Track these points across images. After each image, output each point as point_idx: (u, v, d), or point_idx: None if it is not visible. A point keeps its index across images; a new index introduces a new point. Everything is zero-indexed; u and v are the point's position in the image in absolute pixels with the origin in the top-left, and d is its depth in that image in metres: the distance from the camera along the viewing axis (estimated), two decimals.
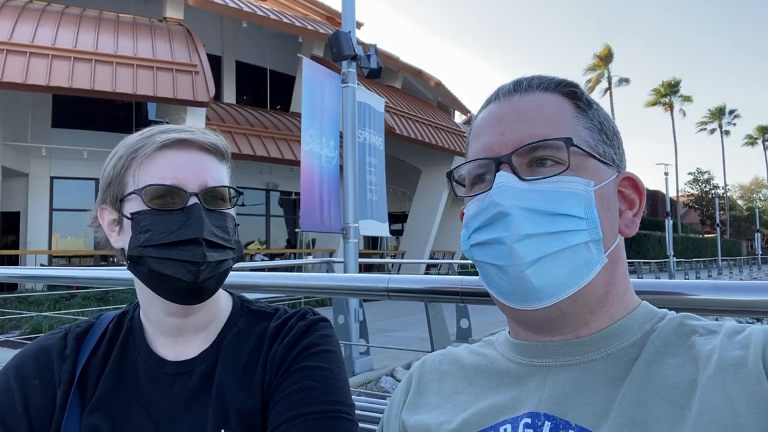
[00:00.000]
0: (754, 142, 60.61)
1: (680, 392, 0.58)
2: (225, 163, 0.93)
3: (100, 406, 0.85)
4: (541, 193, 0.65)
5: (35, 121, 14.81)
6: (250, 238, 18.87)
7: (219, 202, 0.89)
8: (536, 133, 0.67)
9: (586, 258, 0.65)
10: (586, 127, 0.70)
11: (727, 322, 0.64)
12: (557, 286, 0.64)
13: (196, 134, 0.89)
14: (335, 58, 6.59)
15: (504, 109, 0.71)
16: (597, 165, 0.69)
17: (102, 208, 0.90)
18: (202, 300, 0.88)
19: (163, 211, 0.84)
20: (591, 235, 0.66)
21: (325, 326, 0.95)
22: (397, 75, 20.79)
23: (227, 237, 0.88)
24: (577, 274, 0.65)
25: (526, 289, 0.65)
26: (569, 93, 0.72)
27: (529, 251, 0.64)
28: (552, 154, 0.67)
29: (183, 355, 0.90)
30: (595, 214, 0.66)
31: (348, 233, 6.37)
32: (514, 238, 0.64)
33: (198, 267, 0.83)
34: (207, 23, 16.96)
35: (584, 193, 0.66)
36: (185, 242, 0.83)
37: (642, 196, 0.73)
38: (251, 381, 0.88)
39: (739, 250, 51.13)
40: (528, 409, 0.65)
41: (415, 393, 0.79)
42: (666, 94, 51.45)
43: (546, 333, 0.69)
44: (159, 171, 0.85)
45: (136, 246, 0.84)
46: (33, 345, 0.91)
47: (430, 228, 19.54)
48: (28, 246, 14.42)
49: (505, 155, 0.68)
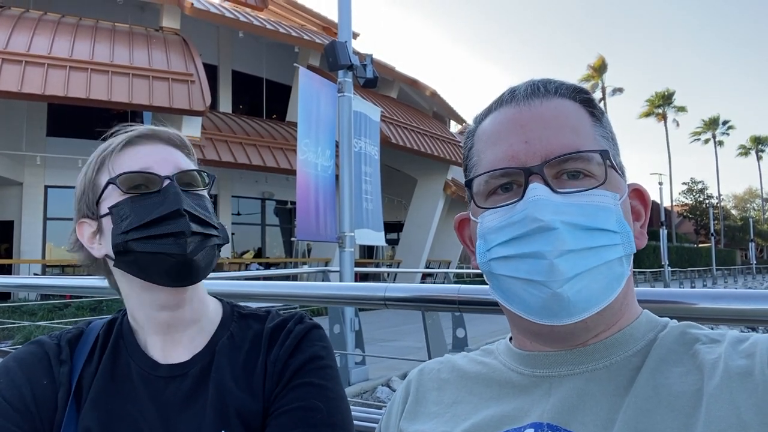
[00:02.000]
0: (747, 153, 61.05)
1: (685, 401, 0.57)
2: (191, 157, 0.94)
3: (93, 407, 0.85)
4: (577, 207, 0.63)
5: (30, 130, 14.77)
6: (246, 247, 18.84)
7: (193, 187, 0.90)
8: (565, 143, 0.65)
9: (618, 272, 0.65)
10: (603, 137, 0.69)
11: (730, 331, 0.64)
12: (591, 301, 0.63)
13: (158, 129, 0.92)
14: (331, 68, 6.62)
15: (525, 114, 0.68)
16: (617, 177, 0.68)
17: (80, 223, 0.91)
18: (194, 277, 0.87)
19: (140, 196, 0.85)
20: (625, 249, 0.65)
21: (323, 335, 0.96)
22: (392, 85, 20.88)
23: (208, 214, 0.88)
24: (610, 288, 0.64)
25: (561, 304, 0.62)
26: (585, 101, 0.70)
27: (569, 267, 0.61)
28: (583, 166, 0.65)
29: (175, 358, 0.90)
30: (628, 228, 0.66)
31: (344, 242, 6.37)
32: (556, 253, 0.61)
33: (184, 238, 0.82)
34: (203, 33, 17.02)
35: (614, 207, 0.65)
36: (167, 216, 0.83)
37: (648, 207, 0.72)
38: (251, 383, 0.88)
39: (734, 259, 51.31)
40: (531, 420, 0.64)
41: (414, 402, 0.78)
42: (660, 105, 51.82)
43: (558, 344, 0.67)
44: (130, 162, 0.87)
45: (119, 233, 0.84)
46: (30, 347, 0.91)
47: (425, 237, 19.55)
48: (21, 255, 14.34)
49: (536, 166, 0.64)
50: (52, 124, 15.33)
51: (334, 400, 0.88)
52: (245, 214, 18.50)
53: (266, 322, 0.95)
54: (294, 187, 7.07)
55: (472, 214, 0.73)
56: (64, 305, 10.75)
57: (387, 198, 18.11)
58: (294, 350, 0.90)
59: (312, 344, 0.92)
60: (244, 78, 19.36)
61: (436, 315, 1.83)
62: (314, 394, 0.86)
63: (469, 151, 0.75)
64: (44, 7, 14.64)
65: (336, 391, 0.89)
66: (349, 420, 0.89)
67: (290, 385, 0.87)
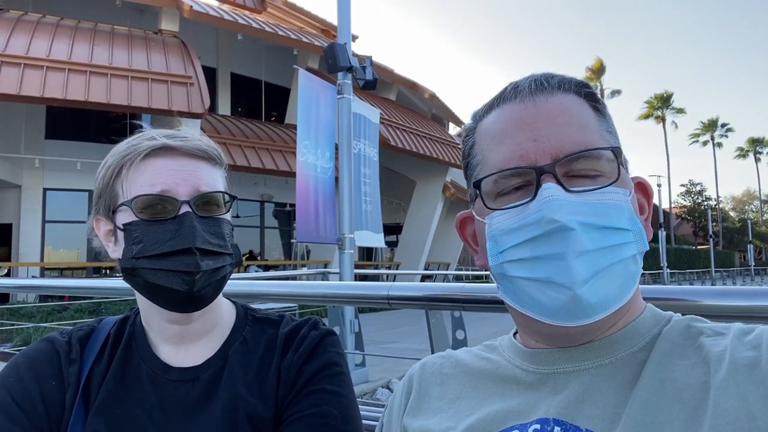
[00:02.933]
0: (745, 155, 61.16)
1: (692, 393, 0.57)
2: (218, 167, 0.91)
3: (102, 410, 0.84)
4: (591, 206, 0.62)
5: (28, 133, 14.74)
6: (245, 249, 18.81)
7: (213, 208, 0.87)
8: (575, 140, 0.64)
9: (633, 271, 0.64)
10: (608, 131, 0.68)
11: (734, 324, 0.63)
12: (608, 301, 0.62)
13: (183, 141, 0.87)
14: (331, 70, 6.62)
15: (531, 111, 0.66)
16: (624, 173, 0.67)
17: (97, 218, 0.90)
18: (200, 308, 0.87)
19: (155, 221, 0.83)
20: (638, 247, 0.64)
21: (337, 341, 0.96)
22: (391, 87, 20.88)
23: (222, 243, 0.86)
24: (626, 287, 0.63)
25: (579, 305, 0.61)
26: (588, 95, 0.69)
27: (587, 267, 0.60)
28: (594, 164, 0.64)
29: (187, 362, 0.89)
30: (640, 225, 0.65)
31: (344, 244, 6.36)
32: (574, 254, 0.60)
33: (192, 276, 0.81)
34: (202, 35, 17.01)
35: (625, 204, 0.64)
36: (178, 252, 0.82)
37: (650, 199, 0.72)
38: (263, 389, 0.87)
39: (732, 261, 51.35)
40: (537, 416, 0.64)
41: (417, 397, 0.77)
42: (658, 107, 51.92)
43: (565, 343, 0.67)
44: (148, 179, 0.84)
45: (129, 258, 0.83)
46: (40, 345, 0.90)
47: (425, 239, 19.53)
48: (20, 258, 14.29)
49: (548, 165, 0.63)
50: (50, 126, 15.30)
51: (348, 407, 0.88)
52: (244, 216, 18.46)
53: (280, 326, 0.95)
54: (293, 189, 7.06)
55: (477, 213, 0.71)
56: (63, 308, 10.72)
57: (386, 200, 18.10)
58: (309, 356, 0.90)
59: (326, 351, 0.92)
60: (243, 80, 19.35)
61: (439, 314, 1.83)
62: (329, 400, 0.86)
63: (470, 149, 0.73)
64: (43, 10, 14.61)
65: (349, 398, 0.89)
66: (361, 427, 0.89)
67: (304, 392, 0.87)
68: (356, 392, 3.67)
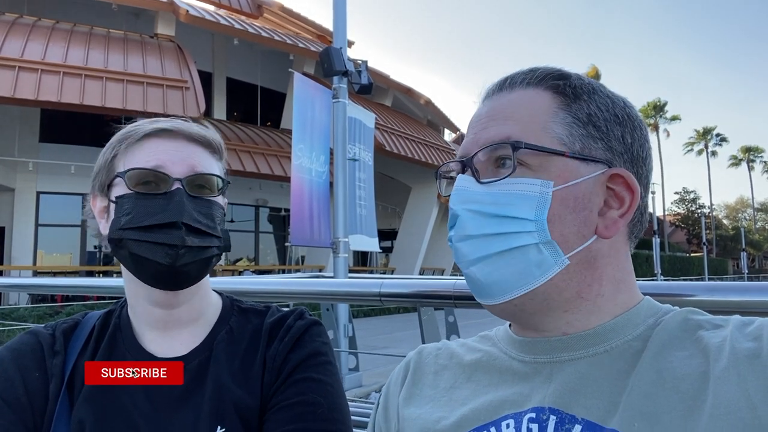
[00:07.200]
0: (738, 163, 61.60)
1: (690, 383, 0.57)
2: (216, 156, 0.93)
3: (87, 401, 0.83)
4: (491, 196, 0.66)
5: (22, 136, 14.68)
6: (239, 254, 18.76)
7: (206, 191, 0.88)
8: (500, 132, 0.67)
9: (536, 260, 0.64)
10: (565, 123, 0.67)
11: (733, 316, 0.63)
12: (506, 285, 0.66)
13: (184, 125, 0.89)
14: (326, 74, 6.63)
15: (482, 110, 0.72)
16: (567, 163, 0.65)
17: (93, 195, 0.91)
18: (182, 285, 0.87)
19: (146, 195, 0.84)
20: (540, 237, 0.64)
21: (323, 331, 0.95)
22: (387, 93, 20.95)
23: (211, 224, 0.87)
24: (528, 274, 0.65)
25: (477, 285, 0.68)
26: (554, 86, 0.69)
27: (471, 250, 0.67)
28: (508, 155, 0.66)
29: (172, 352, 0.89)
30: (544, 217, 0.64)
31: (338, 248, 6.35)
32: (458, 237, 0.68)
33: (176, 250, 0.82)
34: (198, 40, 17.03)
35: (538, 195, 0.64)
36: (164, 225, 0.82)
37: (633, 194, 0.67)
38: (249, 378, 0.87)
39: (725, 268, 51.57)
40: (533, 405, 0.63)
41: (411, 383, 0.77)
42: (652, 115, 52.24)
43: (525, 328, 0.70)
44: (144, 156, 0.86)
45: (117, 228, 0.84)
46: (24, 337, 0.90)
47: (419, 245, 19.56)
48: (12, 262, 14.22)
49: (468, 158, 0.69)
50: (45, 130, 15.25)
51: (334, 395, 0.88)
52: (239, 221, 18.42)
53: (266, 317, 0.95)
54: (288, 194, 7.06)
55: None
56: (55, 311, 10.66)
57: (381, 206, 18.12)
58: (294, 345, 0.90)
59: (312, 340, 0.92)
60: (238, 85, 19.36)
61: (431, 310, 1.82)
62: (314, 389, 0.86)
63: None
64: (38, 13, 14.61)
65: (336, 387, 0.89)
66: (348, 416, 0.89)
67: (290, 380, 0.87)
68: (349, 397, 3.64)
